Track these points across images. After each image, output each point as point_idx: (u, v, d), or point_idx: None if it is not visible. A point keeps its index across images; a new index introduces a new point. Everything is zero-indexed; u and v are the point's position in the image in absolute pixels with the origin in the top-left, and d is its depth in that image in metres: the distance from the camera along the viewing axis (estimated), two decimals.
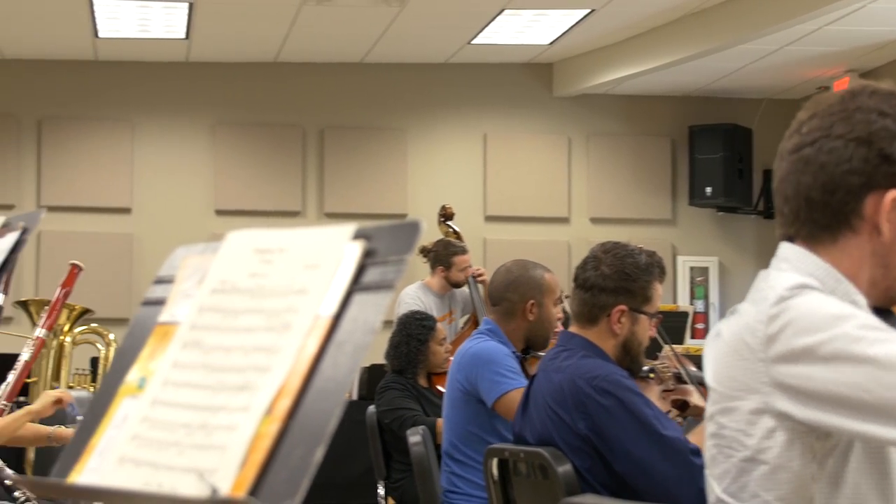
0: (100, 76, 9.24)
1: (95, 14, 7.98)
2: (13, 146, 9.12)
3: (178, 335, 1.37)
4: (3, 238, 2.02)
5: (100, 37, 8.54)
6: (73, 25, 8.27)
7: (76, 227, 8.94)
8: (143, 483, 1.21)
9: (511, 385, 3.90)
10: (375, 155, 9.56)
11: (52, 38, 8.64)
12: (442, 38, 8.89)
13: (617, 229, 9.64)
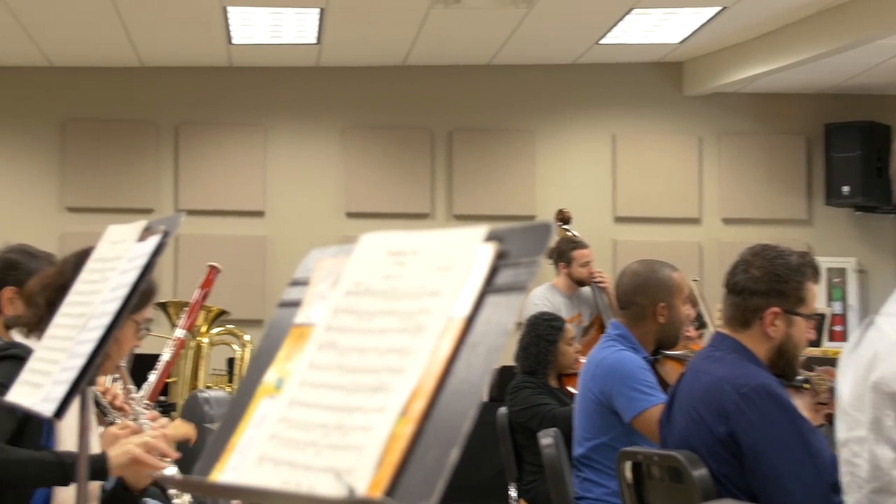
0: (234, 82, 9.43)
1: (230, 21, 8.14)
2: (152, 151, 9.36)
3: (314, 336, 1.38)
4: (145, 242, 2.08)
5: (234, 43, 8.71)
6: (208, 33, 8.45)
7: (212, 231, 9.13)
8: (282, 482, 1.23)
9: (649, 402, 3.82)
10: (504, 157, 9.56)
11: (188, 46, 8.84)
12: (570, 38, 8.84)
13: (750, 230, 9.47)
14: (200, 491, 1.95)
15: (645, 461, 3.19)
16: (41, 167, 9.26)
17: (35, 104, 9.26)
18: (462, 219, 9.38)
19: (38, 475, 2.63)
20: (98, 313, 2.04)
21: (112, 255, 2.18)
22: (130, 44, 8.61)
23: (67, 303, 2.22)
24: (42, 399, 1.97)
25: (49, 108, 9.27)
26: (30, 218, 8.91)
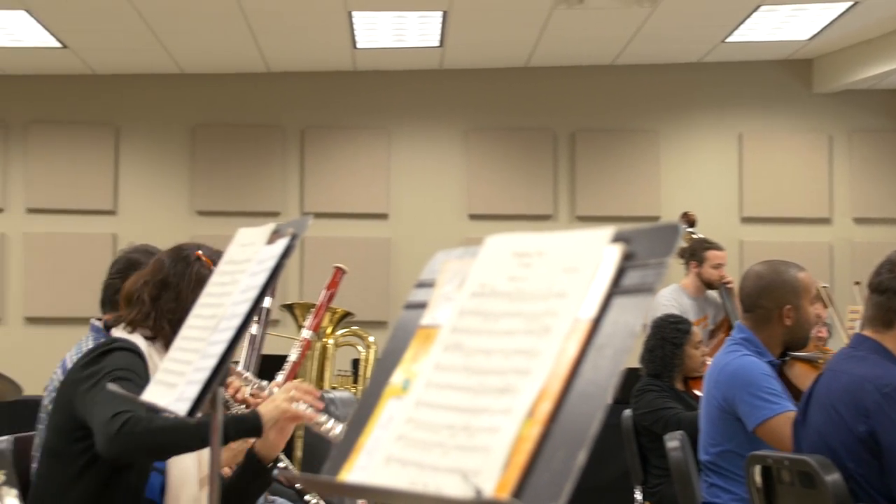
0: (358, 85, 9.53)
1: (354, 26, 8.23)
2: (278, 155, 9.51)
3: (440, 338, 1.39)
4: (273, 244, 2.11)
5: (358, 47, 8.81)
6: (333, 38, 8.56)
7: (336, 233, 9.24)
8: (409, 482, 1.24)
9: (773, 411, 3.74)
10: (627, 157, 9.48)
11: (314, 51, 8.96)
12: (695, 36, 8.73)
13: (883, 229, 9.23)
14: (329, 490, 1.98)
15: (775, 465, 3.13)
16: (173, 172, 9.48)
17: (167, 110, 9.49)
18: (585, 220, 9.33)
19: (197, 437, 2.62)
20: (228, 315, 2.08)
21: (242, 257, 2.22)
22: (258, 50, 8.77)
23: (199, 304, 2.26)
24: (176, 399, 2.02)
25: (180, 114, 9.49)
26: (162, 221, 9.14)
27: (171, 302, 2.98)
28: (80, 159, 9.39)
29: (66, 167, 9.39)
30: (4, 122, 9.42)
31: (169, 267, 3.04)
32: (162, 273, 3.03)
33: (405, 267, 9.29)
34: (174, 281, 3.00)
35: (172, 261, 3.06)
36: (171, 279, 3.01)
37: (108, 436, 2.63)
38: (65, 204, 9.37)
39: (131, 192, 9.42)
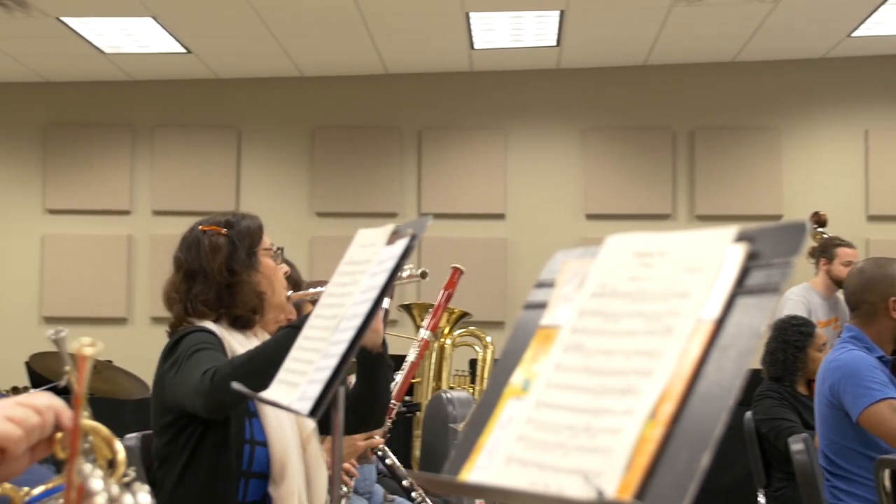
0: (475, 86, 9.55)
1: (472, 26, 8.26)
2: (396, 157, 9.58)
3: (560, 338, 1.38)
4: (393, 245, 2.13)
5: (475, 48, 8.83)
6: (450, 39, 8.59)
7: (453, 234, 9.28)
8: (530, 483, 1.23)
9: (874, 397, 3.66)
10: (749, 155, 9.33)
11: (432, 52, 9.01)
12: (819, 31, 8.55)
13: None
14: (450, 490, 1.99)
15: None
16: (293, 173, 9.62)
17: (287, 113, 9.63)
18: (705, 219, 9.21)
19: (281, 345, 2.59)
20: (349, 315, 2.10)
21: (362, 258, 2.24)
22: (376, 52, 8.85)
23: (320, 304, 2.29)
24: (298, 398, 2.04)
25: (300, 116, 9.62)
26: (283, 222, 9.27)
27: (201, 286, 3.02)
28: (204, 162, 9.59)
29: (190, 170, 9.59)
30: (132, 126, 9.66)
31: (184, 258, 3.09)
32: (182, 268, 3.08)
33: (522, 267, 9.28)
34: (194, 267, 3.04)
35: (184, 252, 3.10)
36: (192, 266, 3.05)
37: (203, 393, 2.67)
38: (189, 206, 9.55)
39: (252, 194, 9.58)
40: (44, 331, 6.89)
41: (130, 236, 9.58)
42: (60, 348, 1.58)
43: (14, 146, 9.70)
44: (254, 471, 2.91)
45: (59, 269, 9.54)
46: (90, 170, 9.63)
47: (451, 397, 5.30)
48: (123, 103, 9.67)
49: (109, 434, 1.61)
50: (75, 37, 8.37)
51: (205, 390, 2.67)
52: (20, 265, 9.60)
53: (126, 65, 9.21)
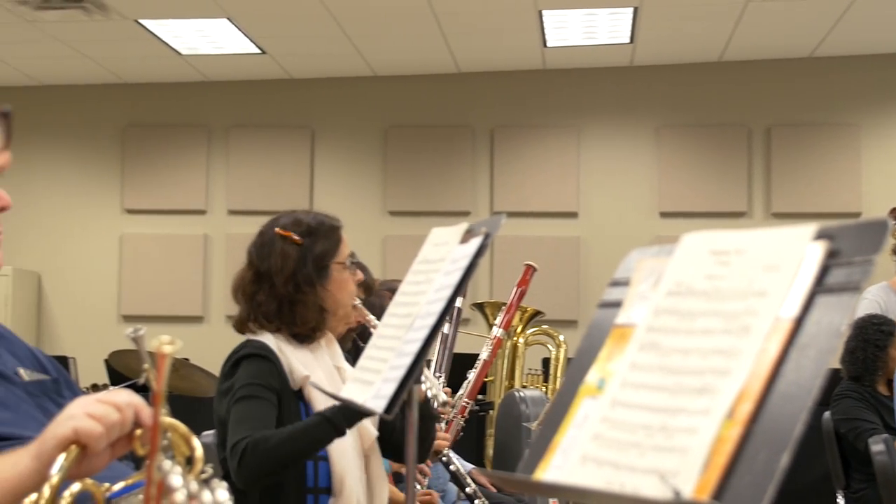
0: (547, 84, 9.53)
1: (544, 24, 8.24)
2: (468, 155, 9.59)
3: (635, 337, 1.37)
4: (467, 243, 2.13)
5: (548, 46, 8.80)
6: (523, 37, 8.58)
7: (526, 232, 9.26)
8: (606, 482, 1.23)
9: None
10: (827, 152, 9.19)
11: (504, 51, 9.00)
12: None
13: None
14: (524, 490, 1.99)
15: None
16: (366, 173, 9.66)
17: (360, 113, 9.68)
18: (781, 217, 9.10)
19: (313, 439, 2.67)
20: (423, 313, 2.10)
21: (436, 256, 2.24)
22: (448, 51, 8.86)
23: (394, 303, 2.30)
24: (373, 396, 2.05)
25: (373, 115, 9.67)
26: (356, 222, 9.32)
27: (265, 294, 2.98)
28: (278, 162, 9.67)
29: (265, 170, 9.68)
30: (207, 126, 9.78)
31: (256, 257, 3.04)
32: (252, 267, 3.04)
33: (595, 265, 9.24)
34: (264, 270, 2.99)
35: (257, 249, 3.05)
36: (261, 269, 3.00)
37: (233, 470, 2.69)
38: (263, 206, 9.63)
39: (326, 193, 9.64)
40: (122, 329, 7.02)
41: (206, 235, 9.69)
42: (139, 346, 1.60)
43: (93, 147, 9.86)
44: (320, 486, 2.91)
45: (136, 268, 9.69)
46: (167, 170, 9.77)
47: (524, 396, 5.29)
48: (199, 104, 9.78)
49: (187, 431, 1.63)
50: (153, 39, 8.48)
51: (234, 469, 2.68)
52: (99, 264, 9.75)
53: (202, 66, 9.32)
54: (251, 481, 2.71)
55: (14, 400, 1.96)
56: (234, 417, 2.78)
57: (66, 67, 9.32)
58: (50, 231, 9.81)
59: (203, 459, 1.61)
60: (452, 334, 4.34)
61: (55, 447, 1.55)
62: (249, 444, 2.68)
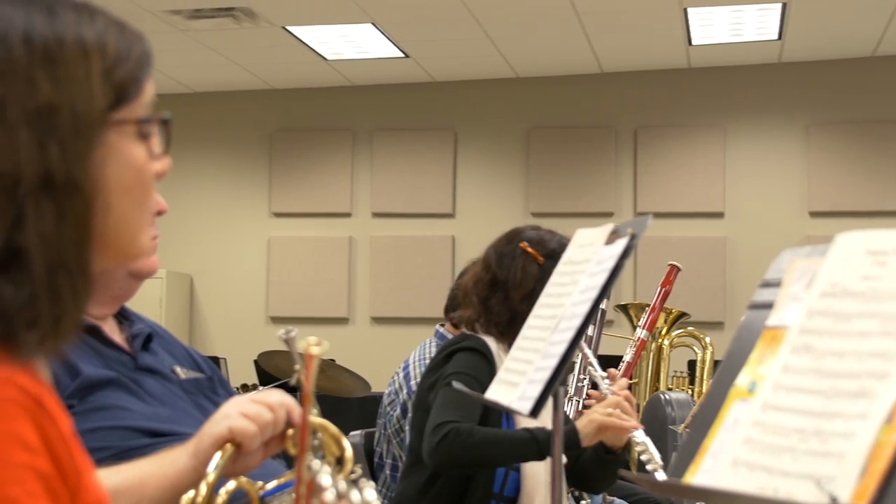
0: (692, 83, 9.39)
1: (689, 22, 8.13)
2: (611, 156, 9.52)
3: (788, 339, 1.35)
4: (612, 244, 2.11)
5: (693, 44, 8.69)
6: (667, 36, 8.48)
7: (671, 233, 9.15)
8: (758, 487, 1.21)
9: None
10: None
11: (648, 50, 8.91)
12: None
13: None
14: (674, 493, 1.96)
15: None
16: (508, 174, 9.67)
17: (502, 114, 9.69)
18: None
19: (515, 452, 2.74)
20: (569, 315, 2.10)
21: (581, 258, 2.23)
22: (591, 51, 8.82)
23: (539, 305, 2.30)
24: (518, 397, 2.05)
25: (515, 117, 9.67)
26: (498, 223, 9.30)
27: (499, 304, 3.00)
28: (421, 164, 9.75)
29: (408, 172, 9.77)
30: (352, 130, 9.91)
31: (496, 263, 3.05)
32: (490, 271, 3.06)
33: (742, 266, 9.08)
34: (502, 279, 3.01)
35: (499, 257, 3.06)
36: (499, 277, 3.02)
37: (429, 447, 2.73)
38: (407, 208, 9.75)
39: (469, 196, 9.68)
40: (271, 330, 7.20)
41: (351, 238, 9.83)
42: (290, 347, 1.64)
43: (242, 152, 10.09)
44: (506, 495, 2.94)
45: (283, 270, 9.88)
46: (313, 174, 9.93)
47: (670, 398, 5.22)
48: (344, 108, 9.92)
49: (337, 431, 1.65)
50: (299, 45, 8.64)
51: (431, 446, 2.72)
52: (248, 267, 9.98)
53: (347, 70, 9.46)
54: (443, 465, 2.76)
55: (171, 397, 2.02)
56: (442, 399, 2.82)
57: (216, 74, 9.56)
58: (201, 234, 10.07)
59: (352, 459, 1.63)
60: (597, 336, 4.31)
61: (211, 445, 1.59)
62: (454, 430, 2.73)
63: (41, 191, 1.05)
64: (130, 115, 1.15)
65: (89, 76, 1.10)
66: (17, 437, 1.00)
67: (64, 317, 1.07)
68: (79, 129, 1.08)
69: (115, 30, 1.15)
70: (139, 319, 2.18)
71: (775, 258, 1.53)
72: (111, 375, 1.95)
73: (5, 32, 1.08)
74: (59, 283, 1.06)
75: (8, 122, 1.05)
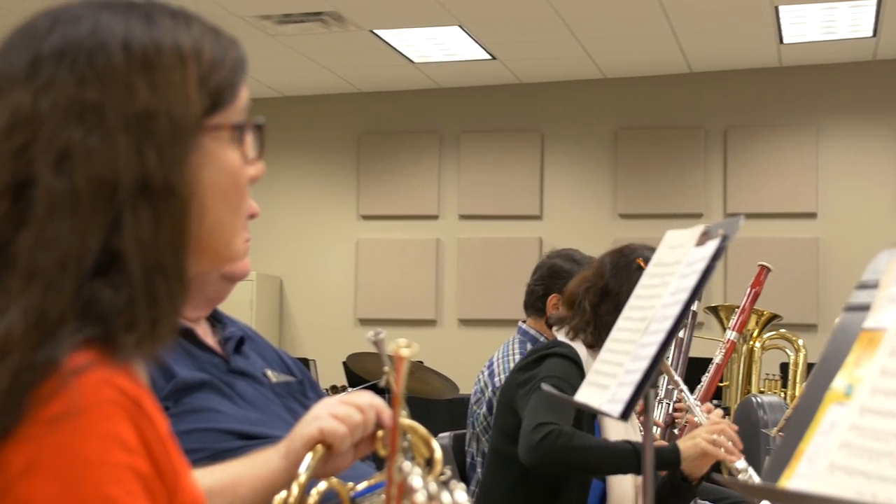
0: (784, 82, 9.26)
1: (780, 21, 8.02)
2: (700, 156, 9.42)
3: (886, 342, 1.32)
4: (703, 246, 2.09)
5: (784, 43, 8.56)
6: (758, 34, 8.37)
7: (762, 233, 9.02)
8: (856, 492, 1.18)
9: None
10: None
11: (737, 49, 8.80)
12: None
13: None
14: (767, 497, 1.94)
15: None
16: (596, 176, 9.62)
17: (589, 115, 9.64)
18: None
19: (614, 462, 2.72)
20: (659, 317, 2.08)
21: (671, 259, 2.21)
22: (680, 50, 8.74)
23: (629, 307, 2.28)
24: (608, 400, 2.04)
25: (602, 118, 9.62)
26: (586, 225, 9.29)
27: (609, 313, 2.96)
28: (508, 166, 9.74)
29: (495, 174, 9.77)
30: (439, 133, 9.94)
31: (610, 274, 3.03)
32: (603, 280, 3.03)
33: (835, 268, 8.92)
34: (614, 289, 2.99)
35: (614, 268, 3.04)
36: (612, 287, 3.00)
37: (529, 444, 2.72)
38: (494, 210, 9.75)
39: (556, 197, 9.65)
40: (359, 332, 7.25)
41: (438, 240, 9.85)
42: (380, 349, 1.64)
43: (330, 155, 10.17)
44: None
45: (371, 272, 9.93)
46: (400, 176, 9.98)
47: (762, 401, 5.16)
48: (431, 110, 9.96)
49: (427, 433, 1.66)
50: (387, 48, 8.69)
51: (531, 444, 2.72)
52: (337, 269, 10.05)
53: (434, 73, 9.48)
54: (542, 465, 2.76)
55: (263, 400, 2.04)
56: (540, 400, 2.82)
57: (304, 78, 9.65)
58: (290, 237, 10.17)
59: (442, 461, 1.63)
60: (687, 338, 4.27)
61: (303, 446, 1.60)
62: (556, 431, 2.73)
63: (139, 195, 1.07)
64: (226, 120, 1.16)
65: (186, 82, 1.12)
66: (116, 437, 1.02)
67: (161, 319, 1.09)
68: (176, 134, 1.10)
69: (211, 36, 1.17)
70: (231, 322, 2.21)
71: (870, 259, 1.50)
72: (205, 378, 1.97)
73: (105, 40, 1.10)
74: (156, 287, 1.08)
75: (107, 128, 1.07)
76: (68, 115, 1.07)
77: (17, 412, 1.00)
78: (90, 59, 1.09)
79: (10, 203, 1.05)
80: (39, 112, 1.07)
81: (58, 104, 1.07)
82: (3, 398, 1.00)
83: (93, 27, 1.10)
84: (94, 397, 1.02)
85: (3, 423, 1.00)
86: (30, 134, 1.06)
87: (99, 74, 1.08)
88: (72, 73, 1.08)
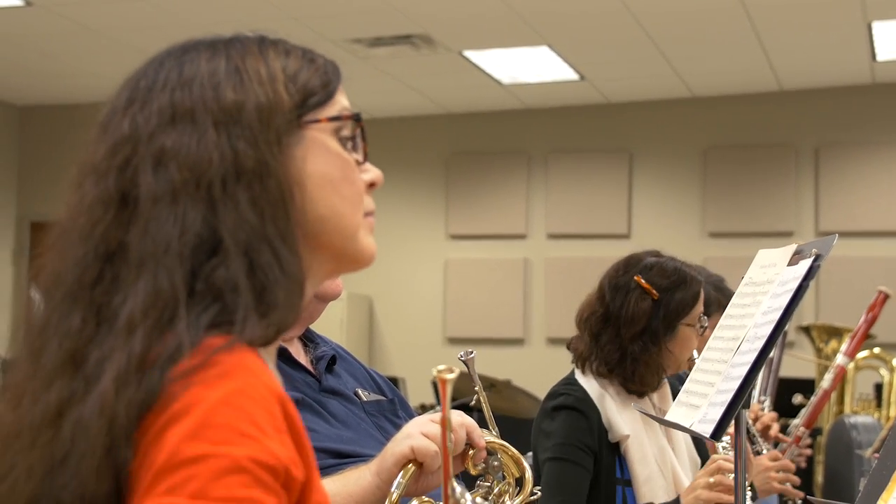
0: (877, 99, 9.11)
1: (874, 37, 7.90)
2: (791, 175, 9.30)
3: None
4: (796, 265, 2.07)
5: (878, 60, 8.43)
6: (850, 51, 8.25)
7: (855, 252, 8.86)
8: None
9: None
10: None
11: (829, 66, 8.69)
12: None
13: None
14: None
15: None
16: (684, 195, 9.56)
17: (678, 134, 9.58)
18: None
19: None
20: (751, 337, 2.06)
21: (763, 278, 2.19)
22: (770, 68, 8.65)
23: (720, 326, 2.27)
24: (700, 420, 2.03)
25: (691, 137, 9.55)
26: (674, 244, 9.15)
27: (610, 341, 2.92)
28: (596, 186, 9.71)
29: (583, 194, 9.74)
30: (527, 153, 9.95)
31: (609, 297, 2.96)
32: (603, 304, 2.96)
33: None
34: (613, 313, 2.93)
35: (612, 288, 2.98)
36: (611, 310, 2.94)
37: None
38: (582, 229, 9.72)
39: (644, 216, 9.60)
40: (448, 351, 7.29)
41: (526, 259, 9.85)
42: (470, 368, 1.66)
43: (420, 176, 10.23)
44: None
45: (460, 291, 9.96)
46: (488, 196, 10.00)
47: (855, 422, 5.08)
48: (519, 131, 9.97)
49: (517, 453, 1.67)
50: (475, 69, 8.73)
51: None
52: (426, 288, 10.10)
53: (522, 94, 9.50)
54: None
55: (354, 419, 2.07)
56: (550, 478, 2.80)
57: (395, 100, 9.73)
58: (380, 256, 9.98)
59: (532, 481, 1.64)
60: (778, 358, 4.22)
61: (394, 464, 1.62)
62: None
63: (233, 180, 1.11)
64: (323, 115, 1.20)
65: (273, 79, 1.18)
66: (270, 400, 1.05)
67: (273, 300, 1.11)
68: (265, 122, 1.15)
69: (299, 48, 1.22)
70: (323, 341, 2.23)
71: None
72: (297, 397, 2.00)
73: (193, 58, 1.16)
74: (262, 263, 1.10)
75: (197, 126, 1.12)
76: (161, 123, 1.13)
77: (158, 385, 1.03)
78: (179, 72, 1.16)
79: (116, 210, 1.11)
80: (137, 129, 1.14)
81: (152, 117, 1.14)
82: (136, 374, 1.03)
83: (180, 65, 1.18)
84: (246, 366, 1.05)
85: (146, 398, 1.03)
86: (129, 149, 1.13)
87: (188, 82, 1.15)
88: (164, 91, 1.15)
